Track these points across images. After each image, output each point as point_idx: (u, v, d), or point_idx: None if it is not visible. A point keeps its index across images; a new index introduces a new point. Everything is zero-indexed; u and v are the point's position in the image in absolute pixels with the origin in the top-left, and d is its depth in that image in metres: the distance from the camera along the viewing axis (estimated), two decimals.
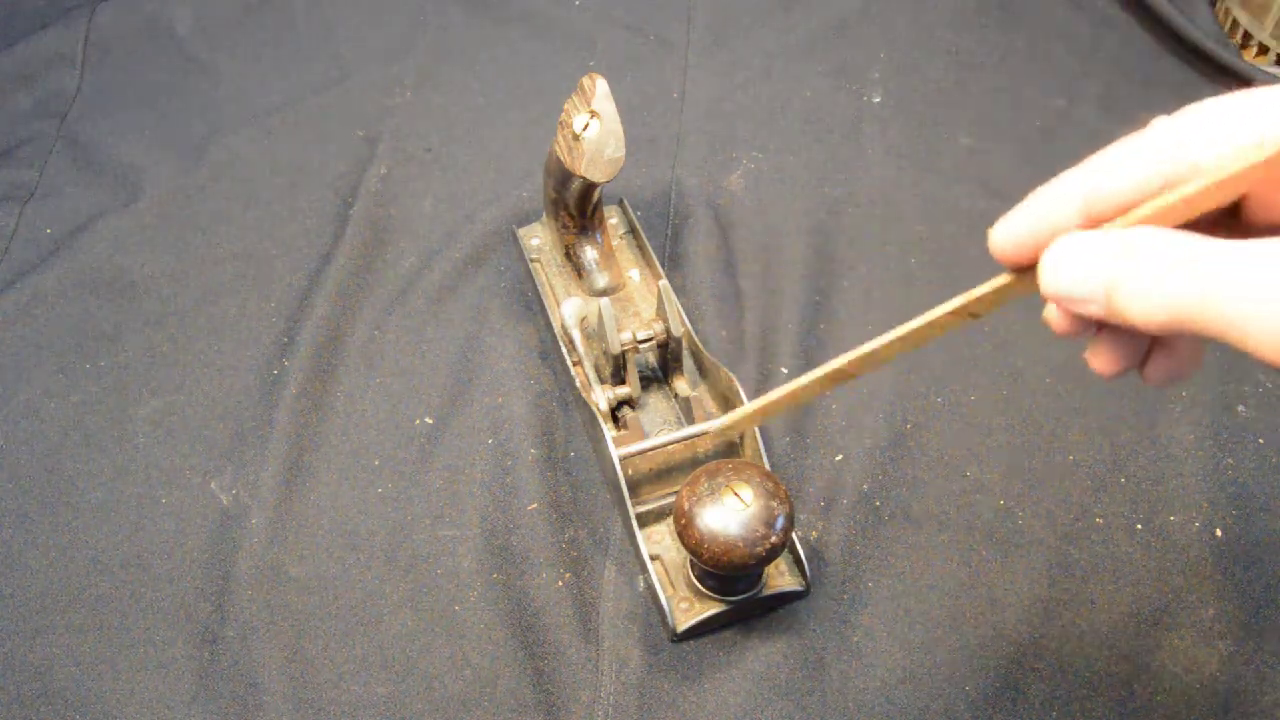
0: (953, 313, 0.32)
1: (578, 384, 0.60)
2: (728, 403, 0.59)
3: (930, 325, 0.33)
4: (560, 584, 0.55)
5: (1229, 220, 0.27)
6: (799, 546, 0.53)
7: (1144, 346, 0.31)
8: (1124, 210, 0.27)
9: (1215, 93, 0.89)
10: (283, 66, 0.87)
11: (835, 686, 0.51)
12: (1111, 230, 0.27)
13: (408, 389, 0.64)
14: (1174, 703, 0.51)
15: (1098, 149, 0.29)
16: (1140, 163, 0.27)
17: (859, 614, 0.54)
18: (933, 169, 0.77)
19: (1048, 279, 0.28)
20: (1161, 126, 0.27)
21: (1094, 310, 0.27)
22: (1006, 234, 0.30)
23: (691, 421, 0.59)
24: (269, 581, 0.56)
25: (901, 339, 0.34)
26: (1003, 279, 0.30)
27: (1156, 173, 0.27)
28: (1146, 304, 0.26)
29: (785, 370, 0.63)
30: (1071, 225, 0.28)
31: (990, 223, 0.30)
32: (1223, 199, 0.26)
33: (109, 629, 0.54)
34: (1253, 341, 0.24)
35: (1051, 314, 0.30)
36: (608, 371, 0.59)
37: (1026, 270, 0.30)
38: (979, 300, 0.31)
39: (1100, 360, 0.31)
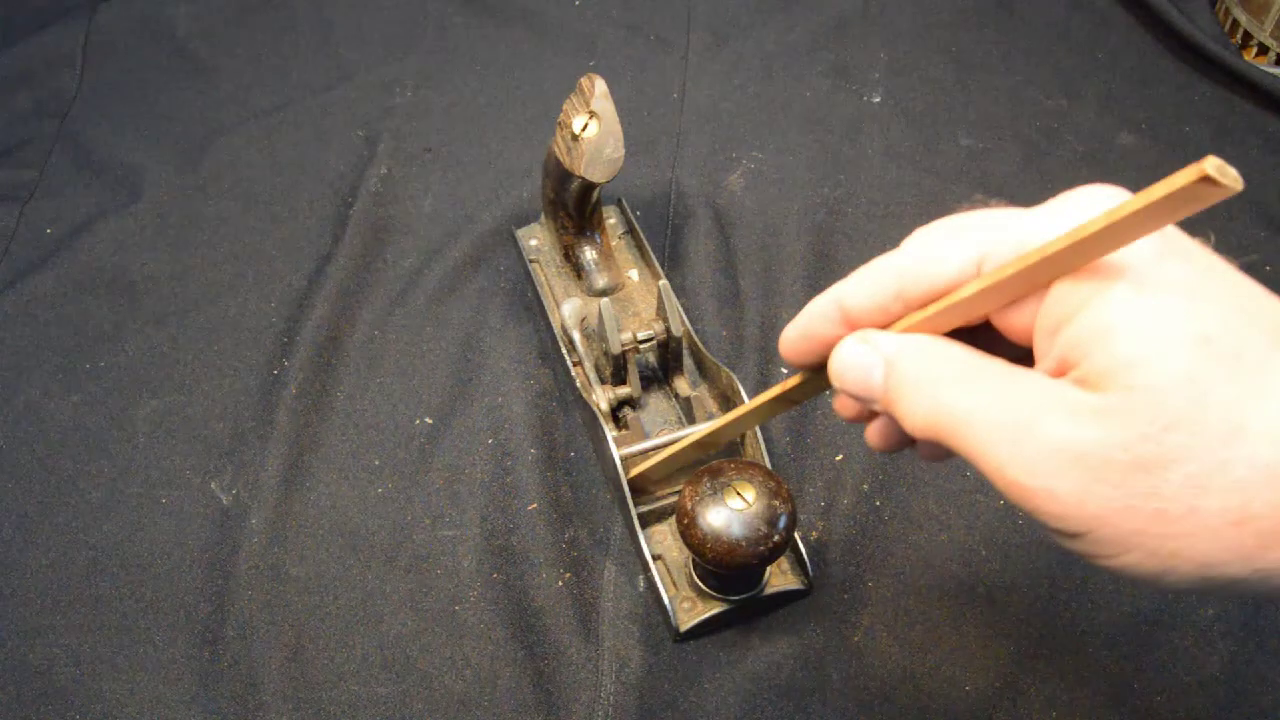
0: (775, 399, 0.38)
1: (578, 384, 0.60)
2: (728, 402, 0.59)
3: (761, 408, 0.39)
4: (560, 584, 0.55)
5: (992, 333, 0.30)
6: (801, 546, 0.53)
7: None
8: (876, 320, 0.31)
9: (1215, 93, 0.89)
10: (283, 66, 0.87)
11: (835, 686, 0.51)
12: (887, 334, 0.30)
13: (408, 389, 0.64)
14: (1174, 703, 0.51)
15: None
16: (880, 280, 0.30)
17: (859, 614, 0.54)
18: (933, 169, 0.77)
19: (834, 376, 0.31)
20: (907, 246, 0.31)
21: (875, 408, 0.31)
22: (786, 344, 0.34)
23: (692, 421, 0.59)
24: (269, 581, 0.56)
25: (741, 418, 0.41)
26: (802, 375, 0.36)
27: (892, 289, 0.30)
28: (910, 418, 0.29)
29: (785, 370, 0.63)
30: (835, 333, 0.32)
31: None
32: (964, 318, 0.29)
33: (109, 629, 0.54)
34: (986, 472, 0.26)
35: (838, 403, 0.34)
36: (608, 371, 0.59)
37: (820, 369, 0.33)
38: (793, 389, 0.37)
39: (877, 440, 0.35)
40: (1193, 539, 0.23)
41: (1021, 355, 0.28)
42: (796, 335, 0.33)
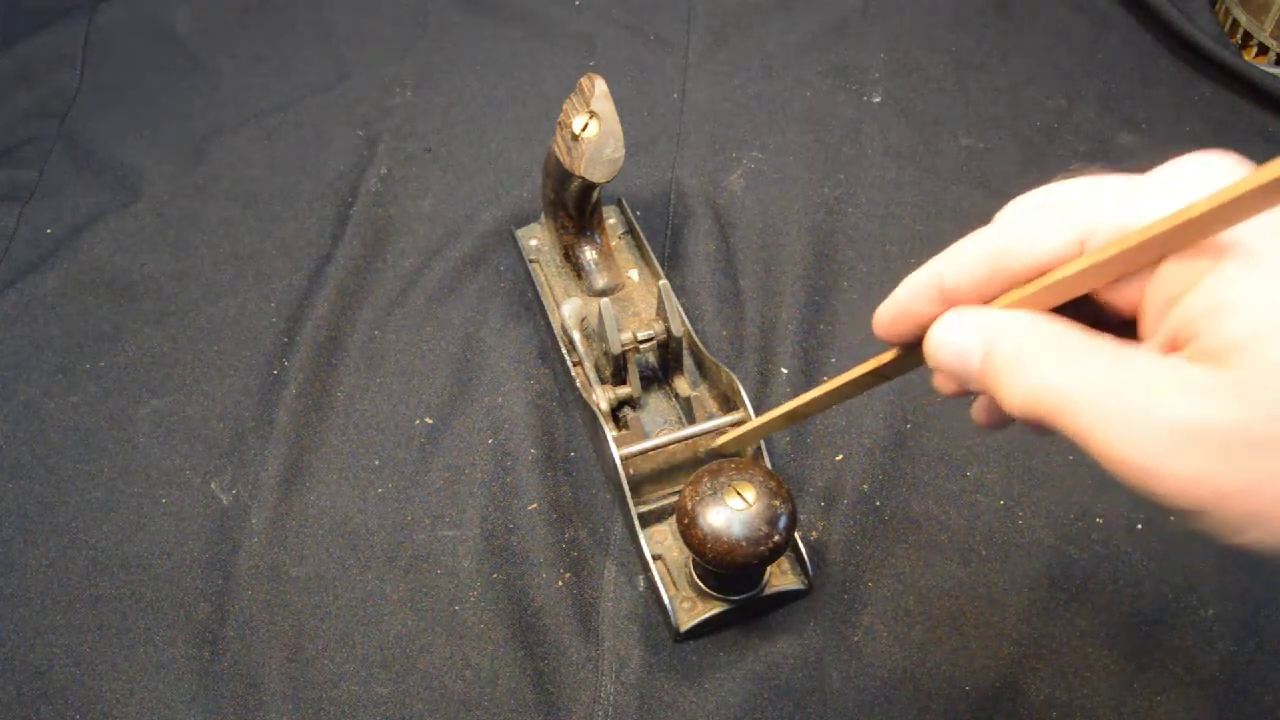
0: (870, 373, 0.37)
1: (578, 384, 0.60)
2: (728, 402, 0.59)
3: (854, 382, 0.38)
4: (560, 584, 0.55)
5: (1097, 309, 0.29)
6: (801, 546, 0.53)
7: None
8: (974, 298, 0.30)
9: (1215, 93, 0.89)
10: (283, 66, 0.87)
11: (835, 687, 0.51)
12: (987, 311, 0.29)
13: (408, 389, 0.64)
14: (1174, 703, 0.51)
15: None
16: (979, 255, 0.29)
17: (859, 614, 0.54)
18: (933, 169, 0.77)
19: (931, 353, 0.30)
20: (1003, 221, 0.30)
21: (973, 387, 0.30)
22: (880, 322, 0.33)
23: (693, 421, 0.59)
24: (269, 581, 0.56)
25: (834, 391, 0.40)
26: (896, 351, 0.35)
27: (992, 265, 0.29)
28: (1011, 397, 0.28)
29: (785, 370, 0.63)
30: (932, 311, 0.31)
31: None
32: (1067, 295, 0.28)
33: (109, 629, 0.54)
34: (1099, 454, 0.26)
35: (938, 380, 0.33)
36: (608, 371, 0.59)
37: (915, 345, 0.33)
38: (888, 364, 0.36)
39: (981, 417, 0.34)
40: None
41: (1128, 329, 0.28)
42: (891, 313, 0.32)
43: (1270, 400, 0.24)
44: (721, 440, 0.54)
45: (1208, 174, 0.27)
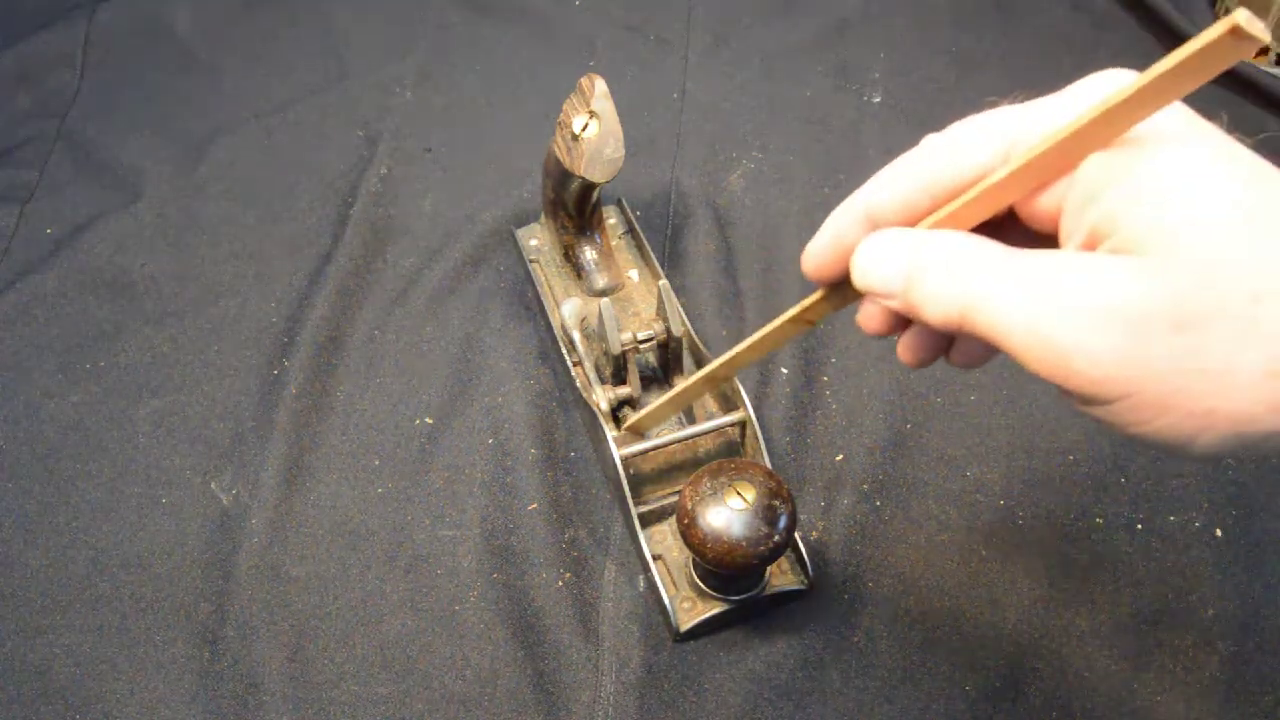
0: (791, 320, 0.37)
1: (578, 384, 0.60)
2: (728, 402, 0.59)
3: (776, 332, 0.38)
4: (560, 584, 0.55)
5: (1018, 231, 0.30)
6: (801, 546, 0.53)
7: (945, 338, 0.34)
8: (903, 221, 0.30)
9: (1213, 91, 0.89)
10: (283, 66, 0.87)
11: (835, 687, 0.51)
12: (909, 230, 0.30)
13: (408, 389, 0.64)
14: (1174, 703, 0.51)
15: None
16: (907, 178, 0.30)
17: (859, 614, 0.54)
18: None
19: (856, 274, 0.31)
20: (928, 143, 0.30)
21: (896, 305, 0.30)
22: (811, 256, 0.33)
23: (693, 421, 0.59)
24: (269, 581, 0.56)
25: (754, 345, 0.39)
26: (823, 291, 0.35)
27: (919, 186, 0.30)
28: (934, 304, 0.28)
29: (785, 370, 0.63)
30: (860, 239, 0.31)
31: None
32: (992, 207, 0.29)
33: (109, 629, 0.54)
34: (1015, 345, 0.26)
35: (862, 317, 0.33)
36: (608, 371, 0.59)
37: (841, 283, 0.33)
38: (810, 309, 0.36)
39: (907, 353, 0.34)
40: (1229, 394, 0.24)
41: (1050, 246, 0.28)
42: (820, 246, 0.33)
43: (1189, 279, 0.24)
44: (637, 416, 0.53)
45: (1117, 81, 0.27)
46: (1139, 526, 0.57)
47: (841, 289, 0.34)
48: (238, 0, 0.92)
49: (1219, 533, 0.56)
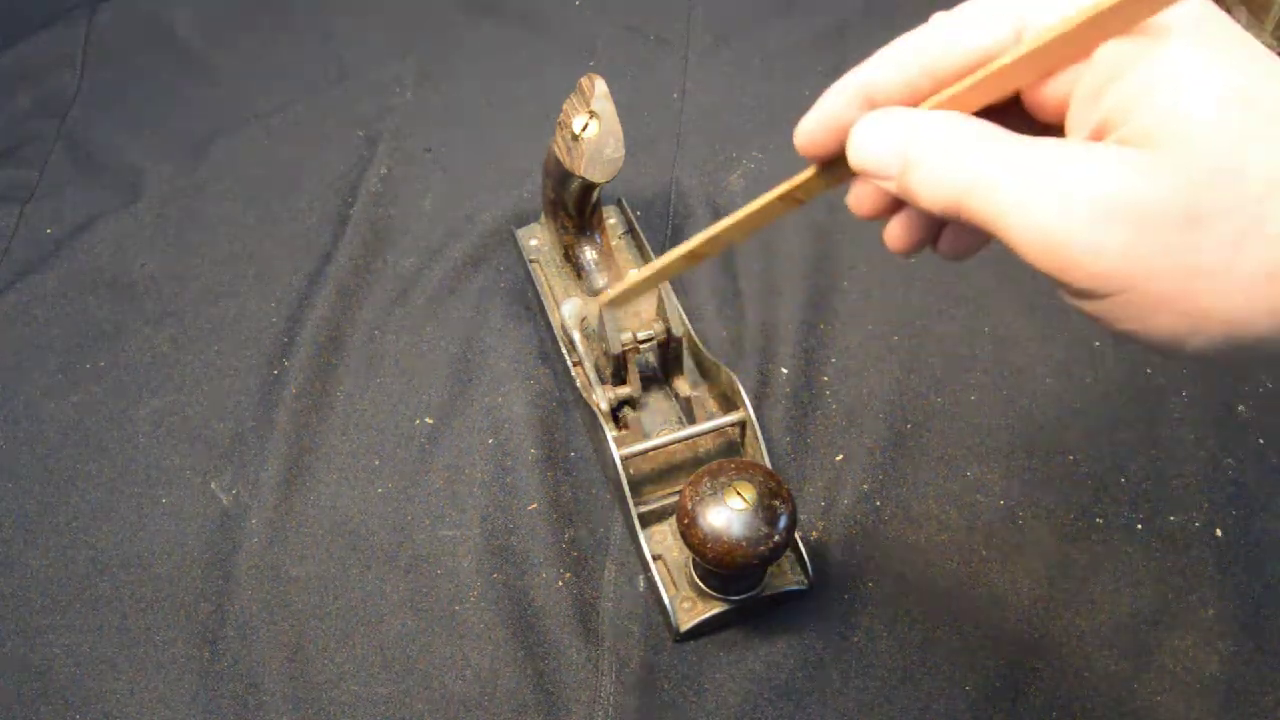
0: (780, 197, 0.35)
1: (578, 384, 0.60)
2: (728, 402, 0.59)
3: (763, 209, 0.36)
4: (560, 584, 0.55)
5: (1022, 116, 0.28)
6: (801, 546, 0.53)
7: (936, 225, 0.33)
8: (904, 102, 0.29)
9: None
10: (283, 66, 0.87)
11: (835, 687, 0.51)
12: (909, 110, 0.28)
13: (408, 389, 0.64)
14: (1174, 703, 0.51)
15: None
16: (909, 56, 0.29)
17: (859, 614, 0.54)
18: None
19: (852, 153, 0.30)
20: (936, 21, 0.29)
21: (890, 187, 0.28)
22: (803, 131, 0.32)
23: (693, 421, 0.59)
24: (269, 581, 0.56)
25: (740, 222, 0.37)
26: (814, 169, 0.33)
27: (922, 66, 0.28)
28: (930, 187, 0.27)
29: (785, 370, 0.63)
30: (857, 118, 0.30)
31: None
32: (998, 92, 0.27)
33: (109, 629, 0.54)
34: (1014, 234, 0.25)
35: (853, 199, 0.32)
36: (608, 372, 0.59)
37: (834, 162, 0.32)
38: (800, 186, 0.34)
39: (895, 238, 0.33)
40: (1226, 295, 0.23)
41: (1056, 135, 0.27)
42: (816, 120, 0.31)
43: (1194, 173, 0.23)
44: (616, 289, 0.48)
45: None
46: (1139, 526, 0.57)
47: (834, 167, 0.32)
48: (238, 1, 0.92)
49: (1219, 533, 0.56)
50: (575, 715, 0.51)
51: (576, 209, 0.64)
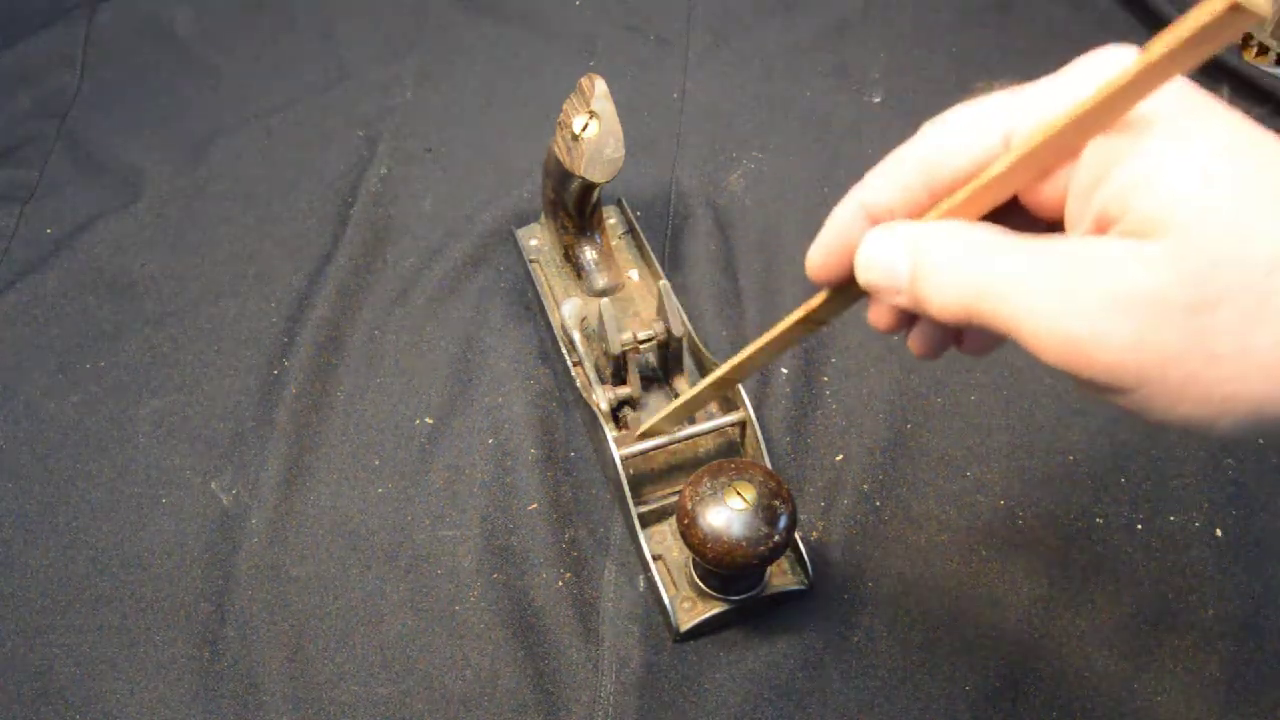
0: (799, 321, 0.36)
1: (578, 384, 0.60)
2: (728, 402, 0.59)
3: (784, 334, 0.37)
4: (560, 584, 0.55)
5: (1023, 216, 0.29)
6: (801, 546, 0.53)
7: (956, 329, 0.33)
8: (903, 217, 0.30)
9: (1215, 92, 0.89)
10: (283, 66, 0.87)
11: (835, 686, 0.51)
12: (912, 223, 0.29)
13: (408, 389, 0.64)
14: (1174, 703, 0.51)
15: None
16: (904, 171, 0.29)
17: (859, 614, 0.54)
18: None
19: (860, 273, 0.30)
20: (925, 131, 0.29)
21: (901, 301, 0.29)
22: (813, 259, 0.32)
23: (693, 421, 0.59)
24: (269, 581, 0.56)
25: (763, 348, 0.38)
26: (828, 291, 0.34)
27: (917, 178, 0.29)
28: (940, 298, 0.27)
29: (785, 371, 0.63)
30: (860, 238, 0.30)
31: None
32: (994, 198, 0.28)
33: (109, 629, 0.54)
34: (1028, 336, 0.25)
35: (872, 315, 0.33)
36: (608, 372, 0.59)
37: (848, 283, 0.32)
38: (816, 310, 0.35)
39: (918, 345, 0.33)
40: (1246, 379, 0.23)
41: (1056, 232, 0.27)
42: (823, 247, 0.32)
43: (1203, 262, 0.23)
44: (650, 422, 0.53)
45: (1120, 57, 0.27)
46: (1139, 526, 0.57)
47: (848, 288, 0.33)
48: (238, 1, 0.92)
49: (1219, 533, 0.56)
50: (575, 715, 0.51)
51: (576, 209, 0.64)
